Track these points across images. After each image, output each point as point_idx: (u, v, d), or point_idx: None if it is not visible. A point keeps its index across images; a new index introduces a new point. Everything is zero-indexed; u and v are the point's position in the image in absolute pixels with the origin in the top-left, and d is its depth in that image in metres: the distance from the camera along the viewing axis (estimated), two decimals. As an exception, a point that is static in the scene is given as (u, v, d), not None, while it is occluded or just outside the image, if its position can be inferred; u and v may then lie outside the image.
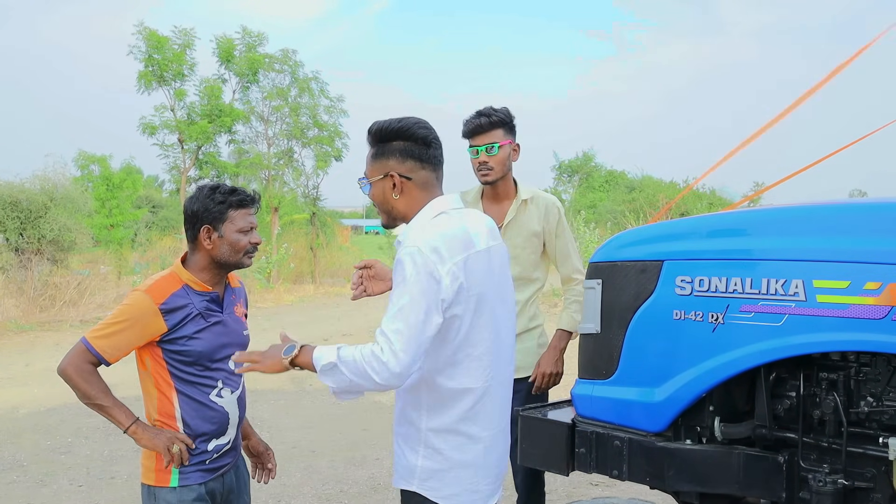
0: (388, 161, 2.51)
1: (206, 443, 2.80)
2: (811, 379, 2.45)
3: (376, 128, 2.52)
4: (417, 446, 2.51)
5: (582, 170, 45.47)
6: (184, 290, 2.77)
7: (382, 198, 2.53)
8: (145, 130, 25.71)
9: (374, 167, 2.53)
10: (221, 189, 2.79)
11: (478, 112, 3.63)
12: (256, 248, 2.85)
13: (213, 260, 2.79)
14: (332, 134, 29.75)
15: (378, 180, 2.52)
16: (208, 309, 2.81)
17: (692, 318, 2.56)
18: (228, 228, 2.76)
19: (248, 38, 27.51)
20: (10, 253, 16.63)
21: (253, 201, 2.84)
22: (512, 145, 3.64)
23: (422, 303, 2.30)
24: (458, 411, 2.45)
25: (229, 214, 2.77)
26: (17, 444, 6.81)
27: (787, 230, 2.50)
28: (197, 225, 2.77)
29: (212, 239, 2.76)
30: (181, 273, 2.80)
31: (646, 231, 3.19)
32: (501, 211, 3.70)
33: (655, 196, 26.85)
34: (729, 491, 2.56)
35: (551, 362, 3.62)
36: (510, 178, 3.71)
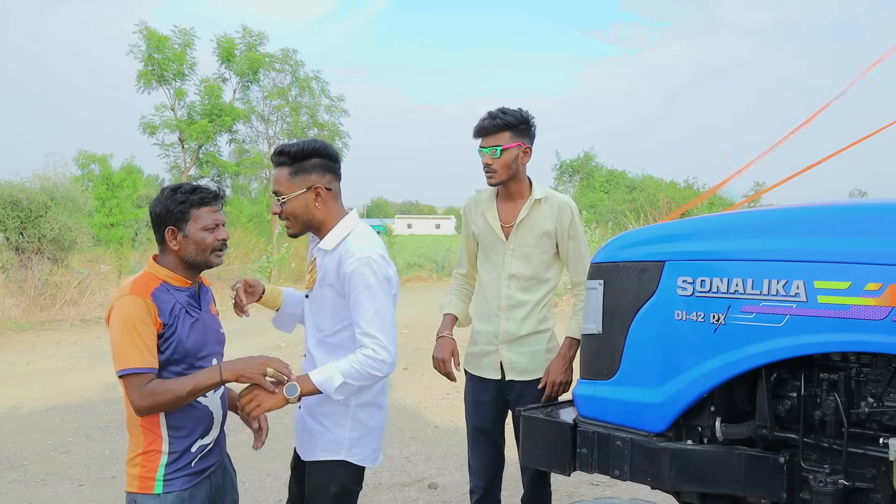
0: (310, 176, 2.97)
1: (190, 445, 2.75)
2: (812, 379, 2.45)
3: (295, 149, 2.95)
4: (345, 421, 3.01)
5: (583, 169, 45.54)
6: (164, 287, 2.73)
7: (304, 209, 2.97)
8: (146, 130, 25.80)
9: (295, 182, 2.95)
10: (182, 189, 2.76)
11: (489, 113, 3.61)
12: (224, 244, 2.82)
13: (182, 260, 2.76)
14: (332, 133, 29.80)
15: (300, 194, 2.95)
16: (190, 304, 2.78)
17: (693, 319, 2.56)
18: (192, 228, 2.73)
19: (248, 37, 27.58)
20: (11, 252, 16.65)
21: (216, 197, 2.80)
22: (521, 148, 3.60)
23: (387, 302, 2.90)
24: (378, 387, 3.03)
25: (192, 213, 2.73)
26: (18, 444, 6.82)
27: (788, 231, 2.50)
28: (161, 227, 2.74)
29: (177, 240, 2.73)
30: (157, 271, 2.76)
31: (647, 231, 3.20)
32: (514, 210, 3.69)
33: (656, 196, 26.83)
34: (730, 491, 2.57)
35: (560, 371, 3.62)
36: (522, 178, 3.68)
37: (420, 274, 26.53)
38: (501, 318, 3.69)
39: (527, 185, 3.70)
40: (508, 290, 3.68)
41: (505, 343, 3.68)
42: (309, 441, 3.07)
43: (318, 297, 3.05)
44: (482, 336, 3.76)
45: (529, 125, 3.64)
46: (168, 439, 2.70)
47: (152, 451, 2.70)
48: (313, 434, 3.04)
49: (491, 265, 3.75)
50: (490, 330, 3.72)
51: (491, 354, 3.72)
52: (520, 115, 3.60)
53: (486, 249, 3.77)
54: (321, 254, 3.02)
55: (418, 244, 37.95)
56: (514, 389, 3.68)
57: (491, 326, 3.72)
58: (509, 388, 3.70)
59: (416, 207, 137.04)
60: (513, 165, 3.59)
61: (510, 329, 3.67)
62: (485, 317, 3.76)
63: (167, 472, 2.70)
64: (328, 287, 2.99)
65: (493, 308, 3.72)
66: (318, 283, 3.05)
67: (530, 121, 3.64)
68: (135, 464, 2.71)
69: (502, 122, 3.56)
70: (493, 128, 3.56)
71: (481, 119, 3.62)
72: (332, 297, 2.99)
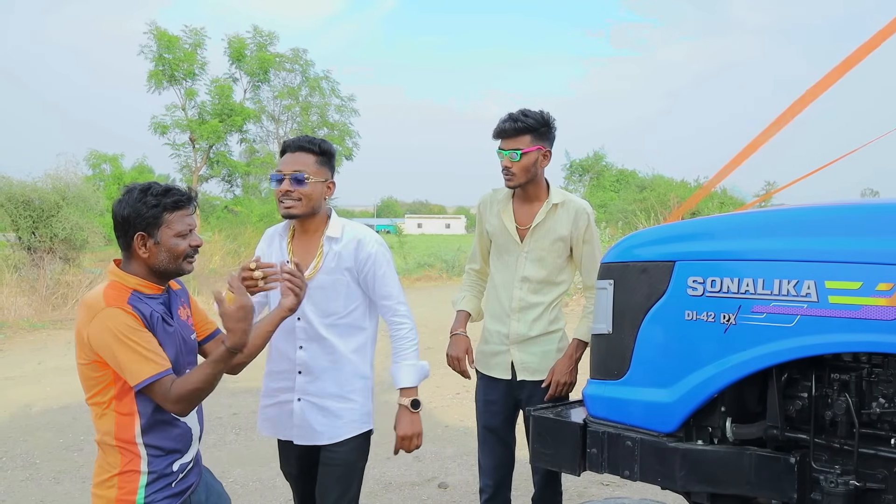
0: (329, 170, 3.22)
1: (171, 463, 2.57)
2: (823, 380, 2.45)
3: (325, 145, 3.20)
4: (369, 393, 3.35)
5: (592, 169, 45.46)
6: (135, 296, 2.51)
7: (318, 196, 3.18)
8: (156, 130, 25.87)
9: (320, 170, 3.17)
10: (153, 190, 2.53)
11: (509, 115, 3.57)
12: (197, 251, 2.63)
13: (151, 269, 2.55)
14: (342, 133, 29.84)
15: (320, 182, 3.17)
16: (165, 313, 2.59)
17: (704, 319, 2.56)
18: (165, 234, 2.52)
19: (258, 37, 27.62)
20: (23, 251, 16.77)
21: (190, 200, 2.60)
22: (541, 151, 3.57)
23: None
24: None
25: (165, 218, 2.52)
26: (30, 443, 6.85)
27: (799, 231, 2.49)
28: (130, 232, 2.51)
29: (147, 247, 2.51)
30: (125, 279, 2.53)
31: (657, 231, 3.19)
32: (531, 213, 3.67)
33: (666, 195, 26.77)
34: (740, 491, 2.56)
35: (566, 371, 3.62)
36: (540, 181, 3.66)
37: (430, 273, 26.52)
38: (513, 319, 3.68)
39: (544, 188, 3.68)
40: (521, 292, 3.67)
41: (516, 344, 3.68)
42: (332, 424, 3.22)
43: (327, 282, 3.20)
44: (493, 336, 3.75)
45: (550, 128, 3.61)
46: (147, 458, 2.52)
47: (130, 471, 2.51)
48: (339, 414, 3.22)
49: (504, 265, 3.74)
50: (501, 330, 3.71)
51: (502, 354, 3.72)
52: (541, 118, 3.56)
53: (500, 250, 3.75)
54: (329, 241, 3.21)
55: (428, 244, 37.94)
56: (526, 389, 3.68)
57: (502, 327, 3.71)
58: (520, 388, 3.70)
59: (425, 207, 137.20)
60: (532, 169, 3.56)
61: (521, 330, 3.67)
62: (496, 317, 3.76)
63: (148, 493, 2.51)
64: (345, 271, 3.21)
65: (504, 309, 3.71)
66: (325, 269, 3.20)
67: (551, 123, 3.60)
68: (110, 485, 2.51)
69: (523, 126, 3.51)
70: (514, 131, 3.52)
71: (502, 121, 3.58)
72: (348, 280, 3.22)
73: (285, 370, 3.27)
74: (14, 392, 8.70)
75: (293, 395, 3.25)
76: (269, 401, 3.34)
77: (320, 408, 3.22)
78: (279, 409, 3.29)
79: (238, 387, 8.80)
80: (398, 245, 30.57)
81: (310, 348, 3.23)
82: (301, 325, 3.21)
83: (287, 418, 3.27)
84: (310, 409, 3.22)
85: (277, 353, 3.28)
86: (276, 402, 3.30)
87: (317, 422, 3.21)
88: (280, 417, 3.29)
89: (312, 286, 3.13)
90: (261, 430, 3.41)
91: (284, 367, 3.27)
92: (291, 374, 3.25)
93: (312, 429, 3.22)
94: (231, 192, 30.11)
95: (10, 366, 10.29)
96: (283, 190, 3.12)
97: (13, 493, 5.63)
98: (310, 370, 3.23)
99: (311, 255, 3.24)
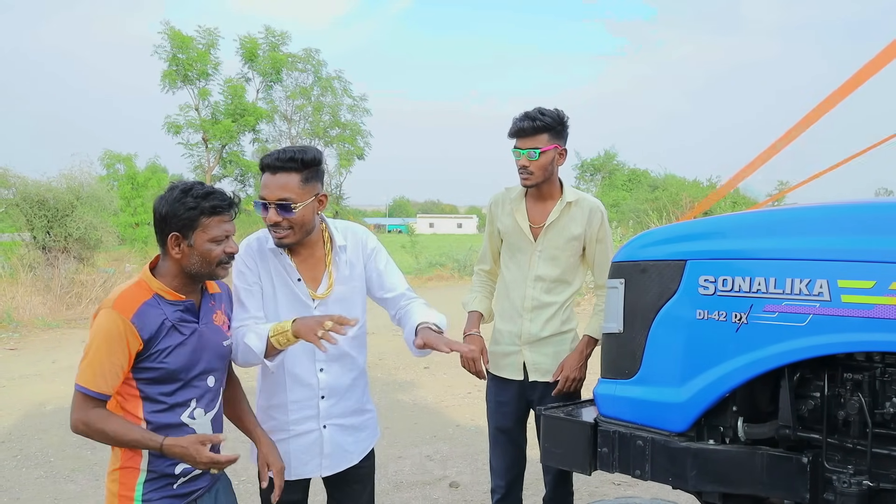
0: (317, 184, 2.88)
1: (172, 465, 2.53)
2: (836, 379, 2.43)
3: (308, 157, 2.79)
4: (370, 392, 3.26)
5: (604, 168, 45.38)
6: (155, 300, 2.47)
7: (310, 218, 2.87)
8: (170, 129, 25.95)
9: (306, 190, 2.82)
10: (194, 192, 2.47)
11: (525, 114, 3.54)
12: (232, 258, 2.58)
13: (182, 270, 2.52)
14: (354, 132, 29.90)
15: (309, 203, 2.83)
16: (182, 320, 2.52)
17: (715, 318, 2.55)
18: (199, 238, 2.47)
19: (271, 37, 27.69)
20: (38, 251, 16.87)
21: (230, 206, 2.54)
22: (558, 150, 3.55)
23: None
24: None
25: (201, 222, 2.47)
26: (44, 440, 6.89)
27: (811, 230, 2.48)
28: (165, 230, 2.48)
29: (180, 248, 2.48)
30: (150, 281, 2.51)
31: (669, 230, 3.17)
32: (544, 211, 3.65)
33: (678, 195, 26.69)
34: (752, 491, 2.55)
35: (575, 367, 3.60)
36: (555, 179, 3.64)
37: (441, 273, 26.53)
38: (525, 318, 3.66)
39: (558, 187, 3.67)
40: (533, 291, 3.65)
41: (528, 344, 3.66)
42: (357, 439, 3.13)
43: (346, 292, 3.04)
44: (504, 336, 3.73)
45: (565, 126, 3.59)
46: (146, 457, 2.50)
47: (129, 467, 2.51)
48: (362, 427, 3.15)
49: (516, 265, 3.71)
50: (513, 330, 3.69)
51: (513, 355, 3.69)
52: (557, 117, 3.54)
53: (512, 249, 3.73)
54: (340, 251, 3.03)
55: (440, 243, 37.91)
56: (538, 390, 3.67)
57: (514, 327, 3.69)
58: (532, 389, 3.68)
59: (437, 207, 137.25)
60: (549, 168, 3.55)
61: (533, 330, 3.65)
62: (507, 317, 3.74)
63: (146, 490, 2.51)
64: (358, 278, 3.08)
65: (516, 308, 3.69)
66: (340, 280, 3.02)
67: (566, 122, 3.59)
68: (113, 479, 2.54)
69: (541, 124, 3.49)
70: (532, 129, 3.49)
71: (518, 119, 3.55)
72: (361, 286, 3.10)
73: (304, 398, 3.01)
74: (28, 390, 8.76)
75: (317, 423, 3.01)
76: (279, 436, 3.01)
77: (347, 427, 3.08)
78: (295, 443, 3.03)
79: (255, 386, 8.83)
80: (410, 245, 30.56)
81: (331, 369, 3.02)
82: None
83: (307, 451, 3.03)
84: (338, 433, 3.05)
85: (293, 380, 2.99)
86: (290, 436, 3.02)
87: (346, 443, 3.08)
88: (296, 453, 3.02)
89: (330, 301, 2.99)
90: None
91: (303, 395, 3.01)
92: (313, 401, 3.01)
93: (345, 452, 3.07)
94: (244, 192, 30.23)
95: (24, 364, 10.36)
96: (270, 220, 2.83)
97: (27, 489, 5.67)
98: (334, 392, 3.03)
99: (319, 268, 3.03)
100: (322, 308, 2.98)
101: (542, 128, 3.49)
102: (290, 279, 2.97)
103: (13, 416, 7.72)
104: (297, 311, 2.94)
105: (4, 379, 9.49)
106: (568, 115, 3.59)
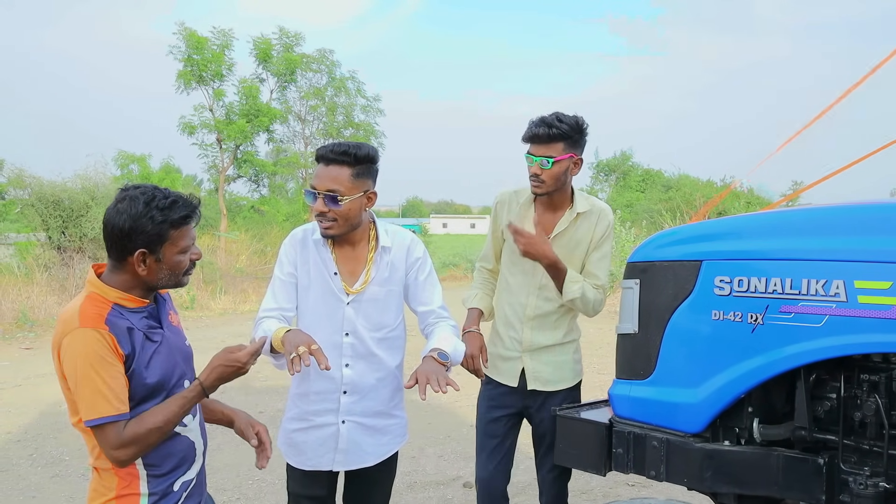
0: (368, 181, 2.96)
1: (172, 483, 2.33)
2: (852, 380, 2.42)
3: (362, 153, 2.90)
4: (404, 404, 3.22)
5: (619, 169, 45.29)
6: (116, 311, 2.23)
7: (357, 212, 2.93)
8: (185, 130, 26.00)
9: (356, 185, 2.90)
10: (157, 202, 2.24)
11: (542, 119, 3.34)
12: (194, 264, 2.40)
13: (145, 283, 2.29)
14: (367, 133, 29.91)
15: (357, 198, 2.91)
16: (150, 327, 2.31)
17: (731, 319, 2.54)
18: (169, 251, 2.27)
19: (285, 38, 27.72)
20: (53, 251, 16.96)
21: (194, 213, 2.33)
22: (573, 159, 3.36)
23: None
24: None
25: (170, 235, 2.26)
26: (59, 440, 6.93)
27: (827, 230, 2.47)
28: (129, 247, 2.24)
29: (147, 264, 2.26)
30: (106, 292, 2.25)
31: (684, 231, 3.16)
32: (553, 220, 3.49)
33: (692, 195, 26.60)
34: (768, 493, 2.54)
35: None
36: (567, 189, 3.46)
37: (455, 273, 26.55)
38: (527, 326, 3.53)
39: (569, 196, 3.50)
40: (537, 300, 3.52)
41: (529, 352, 3.53)
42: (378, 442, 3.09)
43: (381, 294, 3.04)
44: (505, 340, 3.59)
45: (583, 135, 3.39)
46: (147, 479, 2.28)
47: (128, 494, 2.26)
48: (385, 431, 3.11)
49: (521, 271, 3.56)
50: (514, 336, 3.56)
51: (513, 360, 3.56)
52: (575, 125, 3.34)
53: (517, 254, 3.48)
54: (383, 252, 3.06)
55: (453, 243, 37.93)
56: (537, 399, 3.53)
57: (515, 333, 3.56)
58: (531, 397, 3.54)
59: (451, 207, 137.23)
60: (562, 178, 3.36)
61: (535, 339, 3.52)
62: (509, 322, 3.59)
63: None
64: (397, 282, 3.08)
65: (519, 315, 3.55)
66: (378, 280, 3.03)
67: (584, 129, 3.39)
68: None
69: (558, 132, 3.29)
70: (548, 137, 3.30)
71: (534, 124, 3.35)
72: (398, 291, 3.10)
73: (326, 390, 3.00)
74: (44, 390, 8.79)
75: (336, 418, 3.00)
76: (299, 424, 3.04)
77: (367, 427, 3.04)
78: (313, 434, 3.02)
79: (264, 385, 8.86)
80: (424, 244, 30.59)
81: (357, 366, 3.01)
82: (349, 341, 2.99)
83: (323, 443, 3.01)
84: (356, 430, 3.02)
85: (317, 372, 2.91)
86: (309, 426, 3.02)
87: (365, 443, 3.04)
88: (312, 444, 3.02)
89: (364, 299, 3.00)
90: (286, 456, 3.11)
91: (325, 388, 3.00)
92: (334, 395, 2.99)
93: (361, 450, 3.04)
94: (258, 192, 30.28)
95: (40, 364, 10.40)
96: (317, 209, 2.89)
97: (43, 489, 5.70)
98: (357, 389, 3.01)
99: (359, 264, 3.04)
100: (355, 305, 2.99)
101: (559, 136, 3.30)
102: (326, 272, 3.00)
103: (28, 416, 7.77)
104: (329, 304, 2.99)
105: (20, 378, 9.54)
106: (587, 123, 3.41)
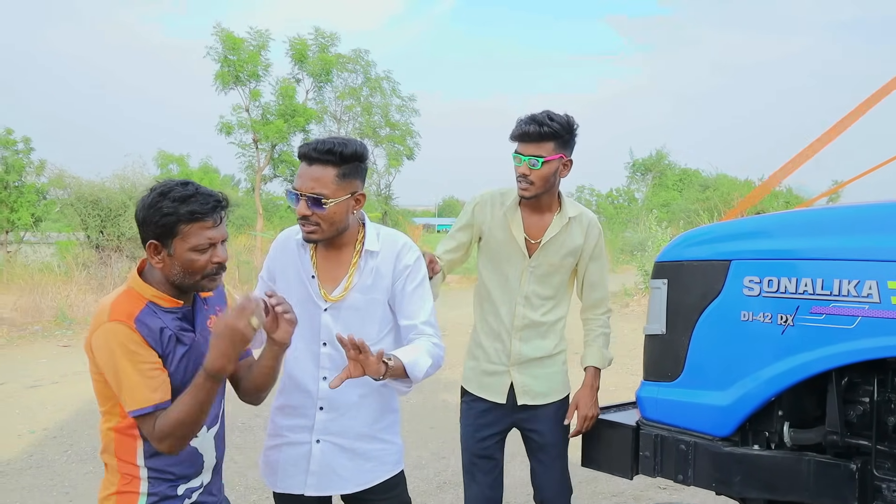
0: (356, 181, 2.65)
1: (174, 487, 2.29)
2: (885, 384, 2.37)
3: (349, 151, 2.58)
4: (399, 428, 2.87)
5: (655, 168, 45.05)
6: (150, 309, 2.20)
7: (342, 216, 2.63)
8: (223, 130, 26.25)
9: (342, 186, 2.60)
10: (172, 195, 2.18)
11: (531, 117, 3.17)
12: (220, 268, 2.28)
13: (168, 280, 2.25)
14: (403, 133, 30.05)
15: (344, 200, 2.61)
16: (182, 329, 2.27)
17: (760, 320, 2.49)
18: (179, 246, 2.19)
19: (320, 38, 27.90)
20: (91, 250, 17.21)
21: (214, 210, 2.23)
22: (562, 160, 3.19)
23: None
24: None
25: (180, 229, 2.18)
26: (95, 436, 6.96)
27: (859, 229, 2.41)
28: (143, 237, 2.22)
29: (160, 256, 2.21)
30: (142, 289, 2.23)
31: (713, 230, 3.11)
32: (542, 224, 3.30)
33: (730, 194, 26.36)
34: (798, 499, 2.49)
35: (590, 403, 3.26)
36: (555, 192, 3.28)
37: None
38: (514, 338, 3.33)
39: (556, 199, 3.32)
40: (524, 309, 3.32)
41: (517, 365, 3.32)
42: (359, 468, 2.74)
43: (362, 302, 2.73)
44: (490, 354, 3.37)
45: (573, 135, 3.22)
46: (147, 481, 2.26)
47: (128, 492, 2.26)
48: (369, 456, 2.75)
49: (504, 279, 3.35)
50: (500, 349, 3.35)
51: (500, 375, 3.35)
52: (566, 124, 3.17)
53: (500, 261, 3.32)
54: (367, 256, 2.73)
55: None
56: (528, 413, 3.36)
57: (502, 345, 3.35)
58: (521, 411, 3.36)
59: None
60: (551, 179, 3.19)
61: (524, 351, 3.33)
62: (494, 334, 3.37)
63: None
64: (382, 290, 2.74)
65: (505, 326, 3.34)
66: (361, 288, 2.72)
67: (575, 129, 3.22)
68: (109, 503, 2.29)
69: (549, 131, 3.12)
70: (538, 136, 3.13)
71: (523, 122, 3.17)
72: (383, 300, 2.75)
73: (301, 405, 2.73)
74: (81, 387, 8.89)
75: (310, 436, 2.71)
76: (273, 441, 2.79)
77: (345, 450, 2.72)
78: (285, 452, 2.75)
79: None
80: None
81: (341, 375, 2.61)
82: (327, 351, 2.69)
83: (295, 463, 2.74)
84: (332, 452, 2.71)
85: (293, 384, 2.74)
86: (283, 443, 2.75)
87: (341, 466, 2.72)
88: (284, 463, 2.75)
89: (343, 307, 2.70)
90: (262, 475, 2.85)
91: (300, 402, 2.74)
92: (309, 411, 2.72)
93: (335, 475, 2.72)
94: (295, 192, 30.53)
95: (77, 361, 10.53)
96: (300, 213, 2.62)
97: (77, 485, 5.77)
98: (334, 406, 2.71)
99: (342, 270, 2.76)
100: (333, 312, 2.71)
101: (549, 135, 3.13)
102: (304, 275, 2.75)
103: (65, 412, 7.86)
104: (307, 310, 2.69)
105: (57, 375, 9.67)
106: (578, 123, 3.23)
